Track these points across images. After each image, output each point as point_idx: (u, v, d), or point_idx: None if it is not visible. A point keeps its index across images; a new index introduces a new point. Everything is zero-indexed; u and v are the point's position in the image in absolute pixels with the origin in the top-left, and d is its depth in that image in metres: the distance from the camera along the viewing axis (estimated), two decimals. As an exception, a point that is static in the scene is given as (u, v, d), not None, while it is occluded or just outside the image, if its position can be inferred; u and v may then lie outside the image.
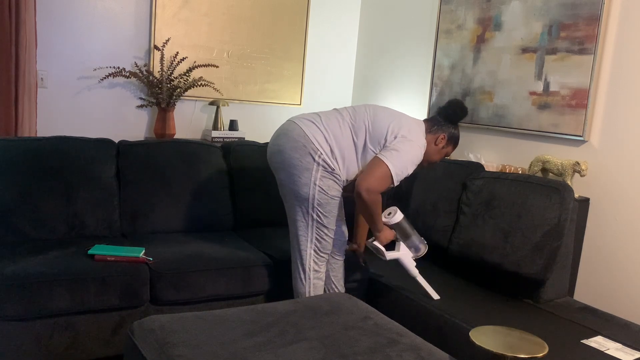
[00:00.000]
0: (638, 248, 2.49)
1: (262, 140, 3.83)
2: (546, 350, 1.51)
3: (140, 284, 2.20)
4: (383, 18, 4.14)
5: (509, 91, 3.07)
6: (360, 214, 2.51)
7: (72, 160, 2.58)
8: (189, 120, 3.84)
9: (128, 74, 3.48)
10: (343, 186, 2.26)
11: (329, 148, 2.18)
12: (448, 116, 2.33)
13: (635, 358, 1.84)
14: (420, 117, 3.70)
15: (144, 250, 2.33)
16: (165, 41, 3.62)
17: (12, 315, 1.98)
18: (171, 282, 2.25)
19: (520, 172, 2.71)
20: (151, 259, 2.29)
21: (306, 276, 2.25)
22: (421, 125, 2.31)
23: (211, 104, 3.86)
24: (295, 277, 2.28)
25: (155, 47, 3.60)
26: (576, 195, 2.62)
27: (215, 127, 3.83)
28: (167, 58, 3.66)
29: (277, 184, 2.29)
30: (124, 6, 3.52)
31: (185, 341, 1.55)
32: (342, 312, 1.85)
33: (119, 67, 3.52)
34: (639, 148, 2.49)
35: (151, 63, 3.62)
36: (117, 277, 2.15)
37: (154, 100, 3.55)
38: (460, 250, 2.55)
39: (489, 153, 3.23)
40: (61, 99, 3.43)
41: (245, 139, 3.92)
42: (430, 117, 2.38)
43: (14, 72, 3.09)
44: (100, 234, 2.60)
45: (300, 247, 2.24)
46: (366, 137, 2.21)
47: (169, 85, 3.52)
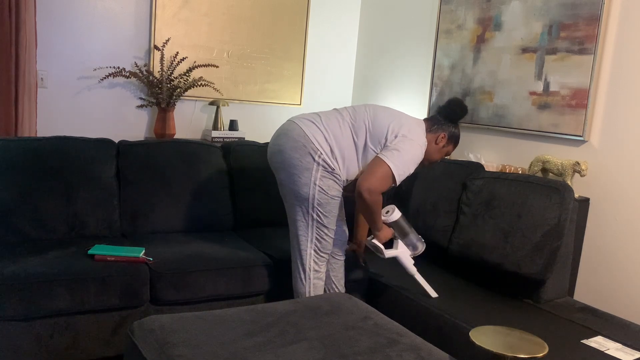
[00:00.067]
0: (638, 248, 2.49)
1: (262, 140, 3.83)
2: (546, 350, 1.51)
3: (140, 284, 2.20)
4: (383, 18, 4.14)
5: (509, 91, 3.07)
6: (360, 214, 2.51)
7: (72, 160, 2.58)
8: (189, 120, 3.84)
9: (128, 74, 3.48)
10: (343, 186, 2.26)
11: (329, 148, 2.18)
12: (448, 115, 2.33)
13: (635, 358, 1.84)
14: (420, 117, 3.69)
15: (144, 250, 2.33)
16: (165, 41, 3.62)
17: (12, 315, 1.98)
18: (171, 282, 2.25)
19: (520, 172, 2.71)
20: (151, 259, 2.29)
21: (306, 276, 2.25)
22: (421, 124, 2.31)
23: (211, 104, 3.86)
24: (295, 277, 2.28)
25: (155, 47, 3.60)
26: (576, 195, 2.62)
27: (215, 127, 3.83)
28: (167, 58, 3.66)
29: (277, 183, 2.29)
30: (124, 6, 3.52)
31: (185, 341, 1.55)
32: (342, 312, 1.85)
33: (119, 67, 3.52)
34: (639, 148, 2.50)
35: (151, 63, 3.62)
36: (117, 277, 2.15)
37: (154, 100, 3.55)
38: (460, 250, 2.55)
39: (489, 153, 3.23)
40: (61, 99, 3.43)
41: (245, 139, 3.92)
42: (430, 116, 2.38)
43: (14, 72, 3.09)
44: (100, 234, 2.60)
45: (301, 247, 2.24)
46: (366, 137, 2.21)
47: (169, 85, 3.52)
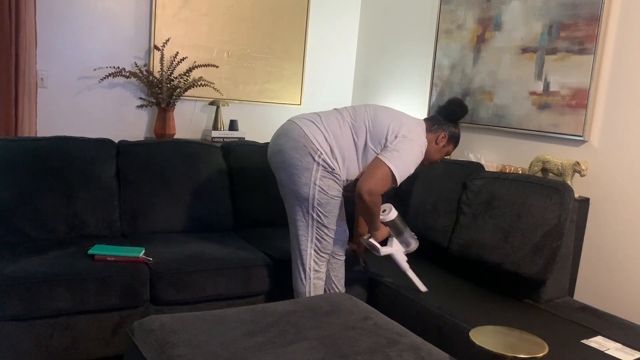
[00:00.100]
0: (638, 248, 2.49)
1: (262, 140, 3.83)
2: (546, 350, 1.51)
3: (140, 284, 2.20)
4: (383, 18, 4.14)
5: (509, 91, 3.07)
6: (360, 214, 2.51)
7: (72, 160, 2.58)
8: (189, 120, 3.84)
9: (128, 74, 3.48)
10: (343, 186, 2.26)
11: (329, 148, 2.18)
12: (448, 115, 2.33)
13: (635, 358, 1.84)
14: (420, 117, 3.69)
15: (144, 250, 2.33)
16: (165, 41, 3.62)
17: (12, 315, 1.98)
18: (171, 282, 2.25)
19: (520, 172, 2.71)
20: (151, 259, 2.29)
21: (306, 276, 2.25)
22: (421, 124, 2.31)
23: (211, 104, 3.86)
24: (296, 277, 2.28)
25: (155, 47, 3.60)
26: (576, 195, 2.62)
27: (215, 127, 3.83)
28: (167, 58, 3.66)
29: (278, 183, 2.29)
30: (124, 6, 3.52)
31: (185, 341, 1.55)
32: (342, 312, 1.85)
33: (119, 67, 3.52)
34: (639, 148, 2.50)
35: (151, 63, 3.62)
36: (117, 277, 2.15)
37: (154, 100, 3.55)
38: (460, 250, 2.55)
39: (489, 153, 3.23)
40: (61, 99, 3.43)
41: (245, 139, 3.92)
42: (430, 116, 2.38)
43: (14, 72, 3.09)
44: (100, 234, 2.60)
45: (301, 247, 2.24)
46: (367, 137, 2.21)
47: (169, 85, 3.52)
